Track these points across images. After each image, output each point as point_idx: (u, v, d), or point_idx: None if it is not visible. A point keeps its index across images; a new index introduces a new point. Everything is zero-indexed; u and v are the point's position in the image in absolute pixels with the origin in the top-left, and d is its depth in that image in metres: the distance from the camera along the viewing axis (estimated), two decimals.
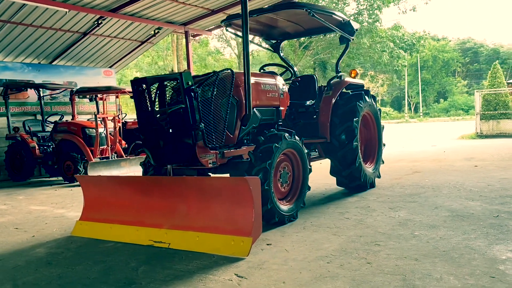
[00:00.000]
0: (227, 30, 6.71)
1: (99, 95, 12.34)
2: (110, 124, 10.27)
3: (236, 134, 4.95)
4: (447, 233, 4.04)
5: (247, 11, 4.87)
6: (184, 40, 22.21)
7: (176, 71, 18.71)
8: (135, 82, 4.58)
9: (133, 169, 10.27)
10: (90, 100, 12.69)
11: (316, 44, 24.75)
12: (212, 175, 5.68)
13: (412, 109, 63.85)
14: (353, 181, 6.40)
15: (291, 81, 7.01)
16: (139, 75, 30.85)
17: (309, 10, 5.80)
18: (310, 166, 5.35)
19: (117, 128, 10.45)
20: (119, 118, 10.95)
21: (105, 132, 10.11)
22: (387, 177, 7.63)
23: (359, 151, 6.35)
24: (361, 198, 6.02)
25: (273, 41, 7.69)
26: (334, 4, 24.84)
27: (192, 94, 4.30)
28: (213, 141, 4.56)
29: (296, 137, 5.02)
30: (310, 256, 3.59)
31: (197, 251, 3.88)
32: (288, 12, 6.16)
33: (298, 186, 5.13)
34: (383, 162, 7.31)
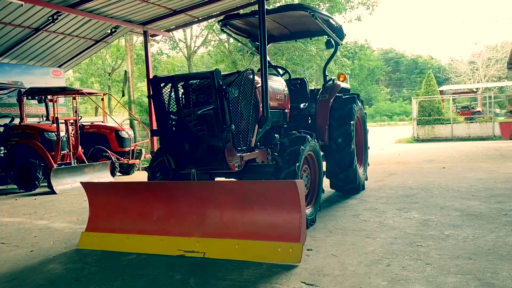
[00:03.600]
0: (222, 31, 6.50)
1: (48, 97, 11.46)
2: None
3: (254, 136, 4.79)
4: (476, 231, 4.18)
5: (264, 11, 4.75)
6: (133, 41, 21.44)
7: (128, 72, 17.93)
8: (156, 81, 4.27)
9: (97, 175, 9.64)
10: (39, 101, 11.73)
11: None
12: (216, 179, 5.46)
13: None
14: (349, 183, 6.46)
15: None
16: (75, 76, 29.16)
17: (312, 13, 5.80)
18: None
19: (78, 132, 9.73)
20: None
21: (66, 136, 9.38)
22: (368, 179, 7.79)
23: (355, 154, 6.43)
24: (362, 200, 6.08)
25: (258, 43, 7.57)
26: None
27: (223, 94, 4.09)
28: (240, 143, 4.38)
29: (315, 139, 4.96)
30: (364, 260, 3.53)
31: (239, 260, 3.67)
32: (282, 14, 6.12)
33: (315, 190, 5.06)
34: (368, 164, 7.47)
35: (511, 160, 9.89)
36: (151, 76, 13.27)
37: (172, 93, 4.27)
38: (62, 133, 9.43)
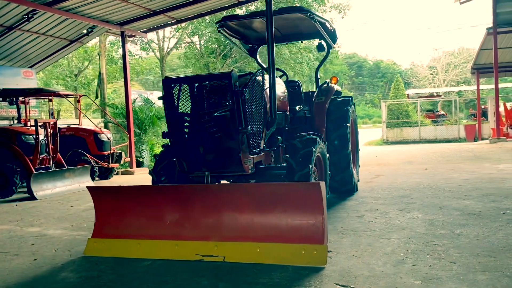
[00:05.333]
0: (219, 32, 6.43)
1: (20, 98, 10.98)
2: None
3: (263, 138, 4.75)
4: (484, 230, 4.31)
5: (271, 12, 4.74)
6: (106, 42, 20.90)
7: (102, 74, 17.45)
8: (168, 82, 4.16)
9: (77, 180, 9.30)
10: (11, 103, 11.23)
11: (236, 52, 24.94)
12: (222, 181, 5.39)
13: None
14: (345, 185, 6.52)
15: None
16: (38, 76, 28.04)
17: (312, 16, 5.84)
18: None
19: (58, 135, 9.36)
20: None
21: (45, 139, 9.00)
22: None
23: (351, 156, 6.51)
24: (360, 202, 6.15)
25: (250, 46, 7.55)
26: None
27: (239, 96, 4.03)
28: (255, 145, 4.33)
29: (322, 141, 4.98)
30: (388, 260, 3.56)
31: (262, 263, 3.62)
32: (277, 16, 6.12)
33: None
34: (359, 166, 7.58)
35: (487, 161, 10.29)
36: (128, 78, 13.00)
37: (185, 95, 4.17)
38: (41, 136, 9.05)
